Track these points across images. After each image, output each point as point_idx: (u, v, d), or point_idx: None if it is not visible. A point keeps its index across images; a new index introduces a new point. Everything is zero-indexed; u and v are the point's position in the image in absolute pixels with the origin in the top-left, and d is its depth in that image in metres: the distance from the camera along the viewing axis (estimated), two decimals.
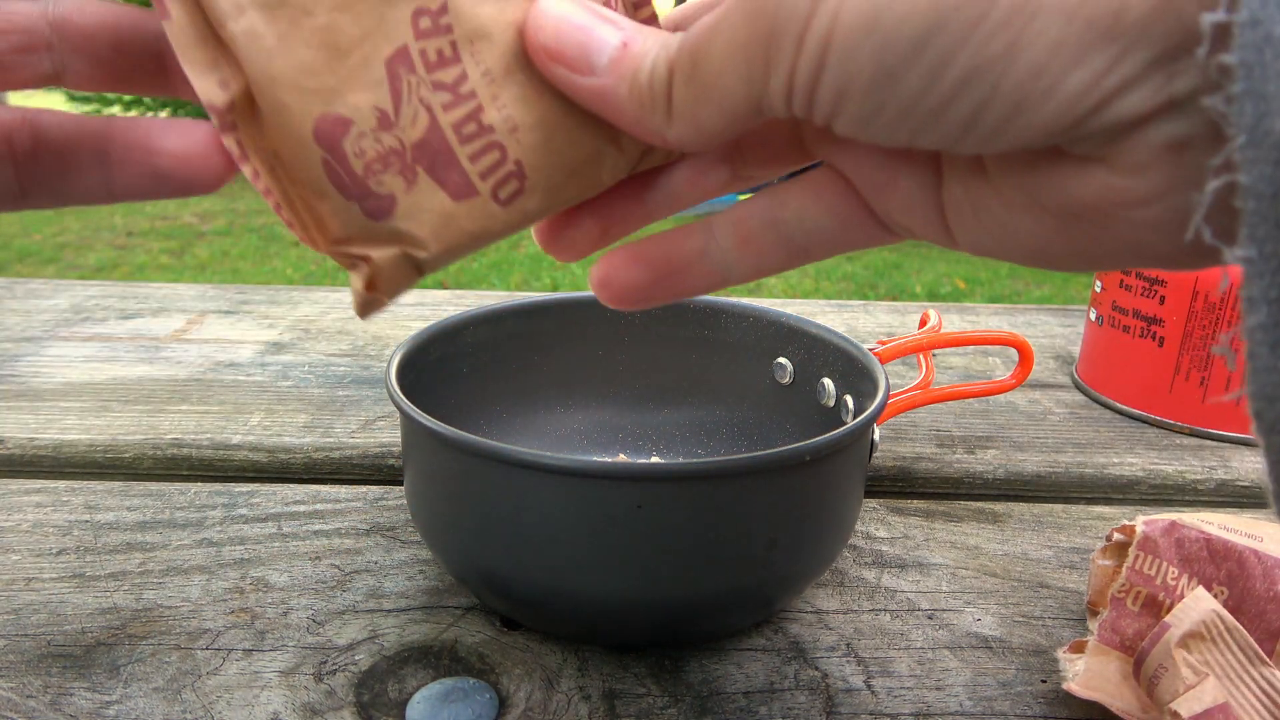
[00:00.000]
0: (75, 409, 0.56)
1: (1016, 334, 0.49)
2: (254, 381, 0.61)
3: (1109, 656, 0.33)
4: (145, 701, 0.33)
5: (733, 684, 0.35)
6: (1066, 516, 0.48)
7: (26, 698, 0.33)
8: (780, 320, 0.46)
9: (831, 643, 0.37)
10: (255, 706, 0.33)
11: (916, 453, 0.54)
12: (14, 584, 0.40)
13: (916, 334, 0.50)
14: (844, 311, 0.81)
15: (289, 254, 4.26)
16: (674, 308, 0.49)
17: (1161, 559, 0.34)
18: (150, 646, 0.36)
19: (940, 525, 0.47)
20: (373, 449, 0.52)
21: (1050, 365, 0.69)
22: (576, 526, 0.32)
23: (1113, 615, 0.34)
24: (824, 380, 0.44)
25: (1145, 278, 0.57)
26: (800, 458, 0.32)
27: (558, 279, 3.91)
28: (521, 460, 0.32)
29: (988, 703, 0.34)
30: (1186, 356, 0.56)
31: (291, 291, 0.83)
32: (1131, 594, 0.34)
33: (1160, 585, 0.33)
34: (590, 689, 0.34)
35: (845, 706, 0.34)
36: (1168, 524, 0.34)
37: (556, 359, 0.49)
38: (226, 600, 0.39)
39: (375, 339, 0.71)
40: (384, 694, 0.34)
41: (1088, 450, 0.55)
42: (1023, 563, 0.43)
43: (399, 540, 0.44)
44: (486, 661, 0.35)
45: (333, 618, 0.38)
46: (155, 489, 0.48)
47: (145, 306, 0.78)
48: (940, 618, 0.39)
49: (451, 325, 0.44)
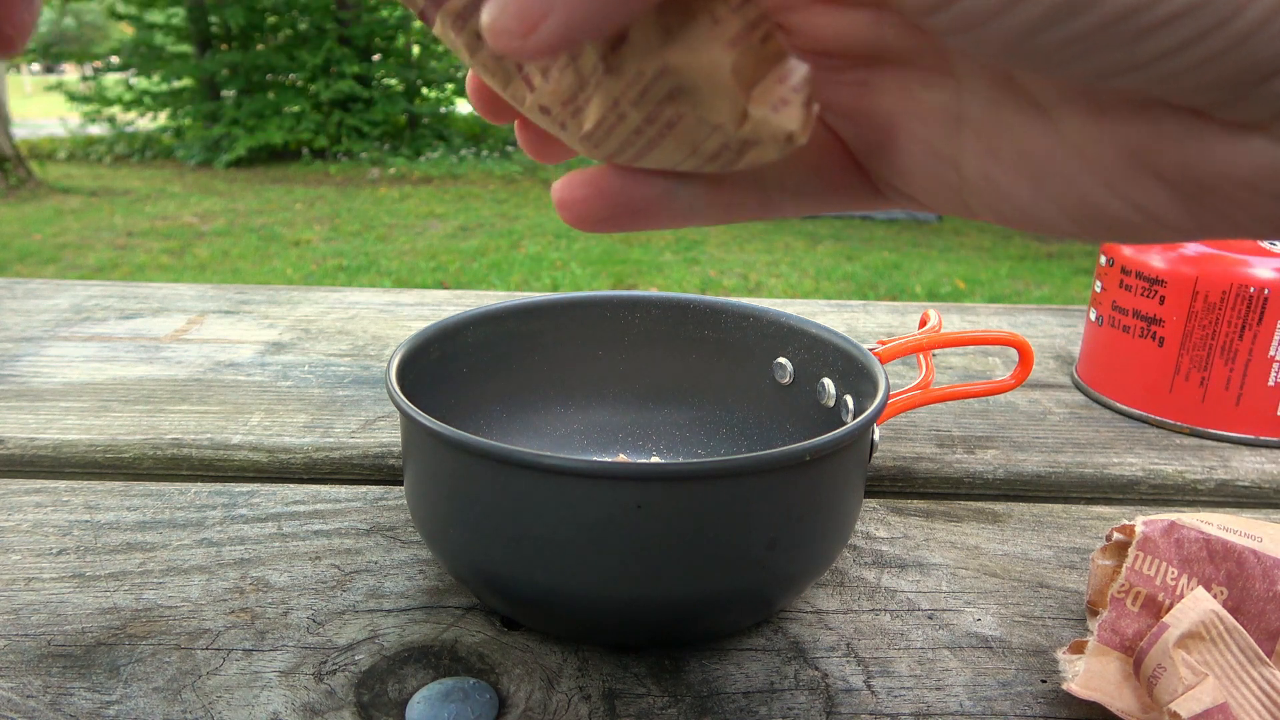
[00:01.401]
0: (75, 409, 0.56)
1: (1016, 334, 0.49)
2: (254, 381, 0.61)
3: (1109, 657, 0.33)
4: (145, 701, 0.33)
5: (733, 684, 0.35)
6: (1066, 516, 0.48)
7: (26, 698, 0.33)
8: (780, 320, 0.46)
9: (831, 643, 0.37)
10: (255, 706, 0.33)
11: (916, 453, 0.54)
12: (14, 584, 0.40)
13: (916, 334, 0.50)
14: (844, 311, 0.81)
15: (289, 254, 4.26)
16: (674, 308, 0.49)
17: (1161, 559, 0.34)
18: (150, 646, 0.36)
19: (940, 525, 0.47)
20: (373, 449, 0.52)
21: (1050, 365, 0.69)
22: (576, 526, 0.32)
23: (1112, 615, 0.34)
24: (824, 380, 0.44)
25: (1145, 278, 0.57)
26: (800, 458, 0.32)
27: (558, 279, 3.91)
28: (521, 460, 0.32)
29: (988, 703, 0.34)
30: (1186, 356, 0.56)
31: (291, 291, 0.83)
32: (1131, 594, 0.34)
33: (1160, 585, 0.33)
34: (590, 689, 0.34)
35: (845, 706, 0.34)
36: (1167, 524, 0.34)
37: (556, 359, 0.49)
38: (226, 600, 0.39)
39: (375, 339, 0.71)
40: (384, 694, 0.34)
41: (1088, 450, 0.55)
42: (1023, 563, 0.43)
43: (399, 540, 0.44)
44: (486, 661, 0.35)
45: (333, 618, 0.38)
46: (155, 489, 0.48)
47: (145, 306, 0.78)
48: (940, 618, 0.39)
49: (451, 325, 0.44)
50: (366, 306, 0.79)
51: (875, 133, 0.20)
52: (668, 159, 0.20)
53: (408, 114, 7.79)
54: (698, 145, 0.19)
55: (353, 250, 4.34)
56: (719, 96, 0.18)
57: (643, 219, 0.22)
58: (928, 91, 0.19)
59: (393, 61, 8.00)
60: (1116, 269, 0.59)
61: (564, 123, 0.20)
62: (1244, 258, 0.54)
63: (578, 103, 0.20)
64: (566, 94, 0.19)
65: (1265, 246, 0.55)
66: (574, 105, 0.20)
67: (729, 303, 0.48)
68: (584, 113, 0.20)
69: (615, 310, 0.49)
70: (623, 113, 0.19)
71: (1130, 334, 0.59)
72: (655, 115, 0.19)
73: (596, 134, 0.20)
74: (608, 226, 0.22)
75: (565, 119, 0.20)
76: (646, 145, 0.20)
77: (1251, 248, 0.55)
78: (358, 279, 3.85)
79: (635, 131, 0.19)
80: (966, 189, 0.19)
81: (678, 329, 0.49)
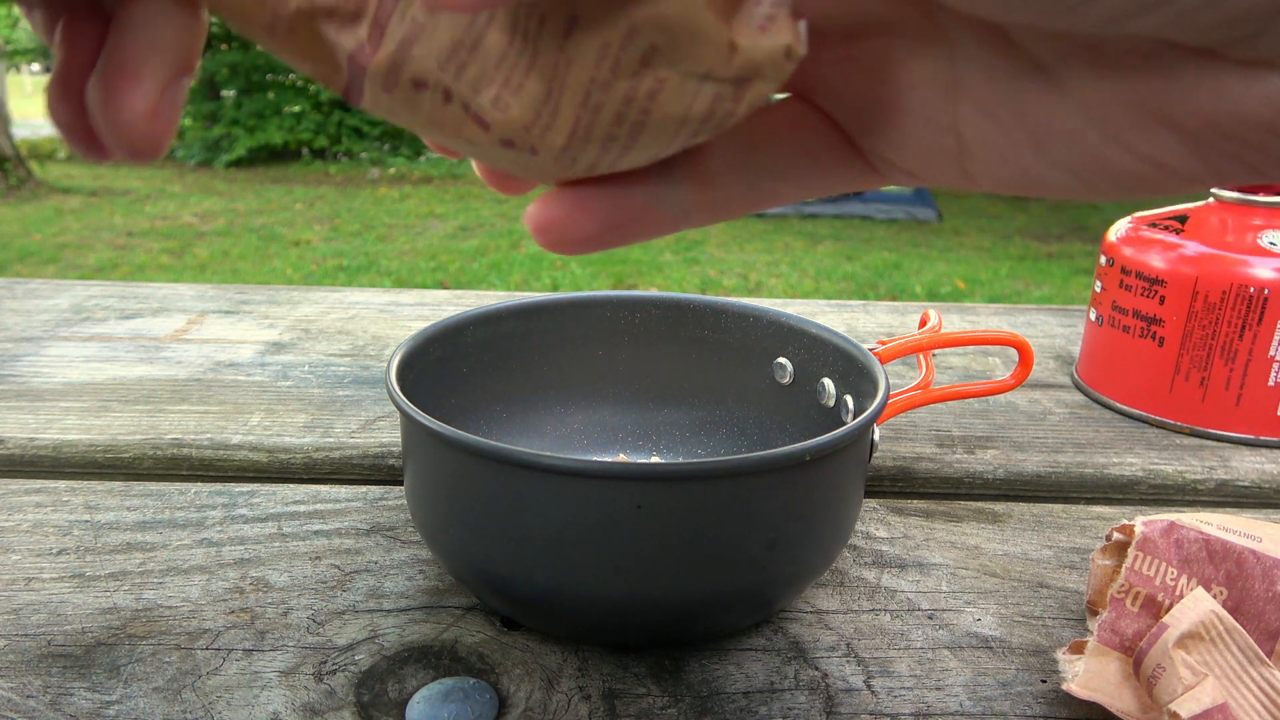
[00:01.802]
0: (75, 409, 0.56)
1: (1016, 334, 0.49)
2: (254, 381, 0.62)
3: (1109, 657, 0.33)
4: (145, 701, 0.33)
5: (733, 684, 0.35)
6: (1066, 516, 0.48)
7: (26, 698, 0.33)
8: (780, 320, 0.46)
9: (831, 643, 0.37)
10: (255, 706, 0.33)
11: (916, 453, 0.54)
12: (14, 584, 0.40)
13: (916, 334, 0.50)
14: (844, 311, 0.81)
15: (289, 254, 4.26)
16: (674, 308, 0.49)
17: (1160, 559, 0.34)
18: (150, 646, 0.36)
19: (940, 525, 0.47)
20: (373, 449, 0.52)
21: (1050, 365, 0.69)
22: (576, 526, 0.32)
23: (1112, 616, 0.34)
24: (824, 380, 0.44)
25: (1145, 278, 0.57)
26: (800, 458, 0.32)
27: (558, 279, 3.91)
28: (521, 460, 0.32)
29: (988, 703, 0.34)
30: (1186, 356, 0.56)
31: (291, 291, 0.83)
32: (1131, 594, 0.34)
33: (1160, 585, 0.33)
34: (590, 689, 0.34)
35: (845, 706, 0.34)
36: (1166, 525, 0.34)
37: (556, 359, 0.49)
38: (226, 600, 0.39)
39: (375, 339, 0.71)
40: (384, 694, 0.34)
41: (1088, 450, 0.55)
42: (1023, 563, 0.43)
43: (399, 540, 0.44)
44: (486, 661, 0.35)
45: (333, 618, 0.38)
46: (155, 489, 0.48)
47: (145, 306, 0.78)
48: (940, 618, 0.39)
49: (451, 325, 0.44)
50: (366, 306, 0.79)
51: (867, 108, 0.20)
52: (657, 143, 0.18)
53: None
54: (688, 110, 0.18)
55: (353, 250, 4.34)
56: (699, 39, 0.17)
57: (630, 231, 0.21)
58: (919, 61, 0.19)
59: None
60: (1116, 269, 0.59)
61: (533, 147, 0.18)
62: (1244, 258, 0.54)
63: (543, 118, 0.18)
64: (531, 111, 0.18)
65: (1265, 246, 0.55)
66: (540, 122, 0.18)
67: (729, 303, 0.48)
68: (554, 124, 0.18)
69: (615, 310, 0.49)
70: (597, 103, 0.18)
71: (1130, 334, 0.59)
72: (633, 91, 0.17)
73: (574, 142, 0.18)
74: (593, 245, 0.20)
75: (534, 141, 0.18)
76: (630, 135, 0.18)
77: (1252, 248, 0.55)
78: (358, 279, 3.85)
79: (615, 121, 0.18)
80: (967, 157, 0.19)
81: (677, 329, 0.49)
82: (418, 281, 3.83)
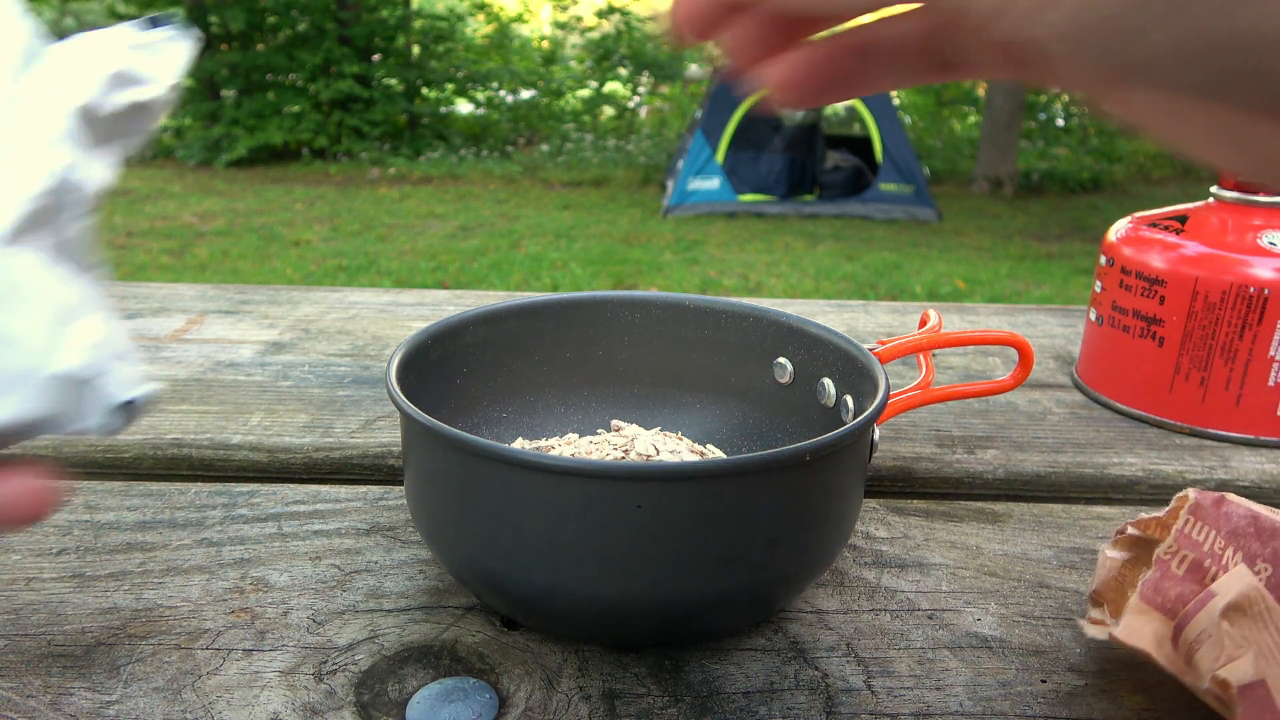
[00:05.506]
0: None
1: (1016, 334, 0.49)
2: (254, 381, 0.62)
3: (1149, 616, 0.33)
4: (145, 701, 0.33)
5: (733, 684, 0.35)
6: (1066, 516, 0.48)
7: (26, 698, 0.33)
8: (780, 320, 0.46)
9: (831, 643, 0.37)
10: (255, 706, 0.33)
11: (916, 453, 0.54)
12: (14, 584, 0.40)
13: (916, 334, 0.50)
14: (844, 311, 0.81)
15: (289, 254, 4.26)
16: (674, 308, 0.49)
17: (1211, 527, 0.33)
18: (150, 646, 0.36)
19: (940, 525, 0.47)
20: (373, 449, 0.52)
21: (1050, 365, 0.69)
22: (576, 526, 0.32)
23: (1156, 575, 0.33)
24: (824, 380, 0.44)
25: (1145, 278, 0.57)
26: (800, 458, 0.32)
27: (558, 279, 3.91)
28: (521, 460, 0.32)
29: (988, 703, 0.34)
30: (1186, 356, 0.56)
31: (291, 291, 0.83)
32: (1178, 557, 0.33)
33: (1207, 552, 0.33)
34: (590, 689, 0.34)
35: (845, 706, 0.34)
36: (1218, 496, 0.34)
37: (556, 359, 0.49)
38: (226, 600, 0.39)
39: (375, 339, 0.71)
40: (384, 694, 0.34)
41: (1088, 450, 0.55)
42: (1023, 563, 0.43)
43: (399, 540, 0.44)
44: (486, 661, 0.35)
45: (333, 618, 0.38)
46: (155, 489, 0.48)
47: (145, 306, 0.78)
48: (940, 618, 0.39)
49: (451, 325, 0.44)
50: (366, 306, 0.79)
51: None
52: None
53: (407, 114, 7.78)
54: None
55: (353, 250, 4.34)
56: None
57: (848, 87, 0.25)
58: None
59: (393, 61, 7.99)
60: (1116, 269, 0.59)
61: None
62: (1244, 258, 0.54)
63: None
64: None
65: (1265, 246, 0.55)
66: None
67: (729, 303, 0.48)
68: None
69: (615, 310, 0.49)
70: None
71: (1130, 334, 0.59)
72: None
73: None
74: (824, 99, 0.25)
75: None
76: None
77: (1252, 248, 0.55)
78: (358, 279, 3.85)
79: None
80: None
81: (677, 329, 0.49)
82: (418, 281, 3.83)
